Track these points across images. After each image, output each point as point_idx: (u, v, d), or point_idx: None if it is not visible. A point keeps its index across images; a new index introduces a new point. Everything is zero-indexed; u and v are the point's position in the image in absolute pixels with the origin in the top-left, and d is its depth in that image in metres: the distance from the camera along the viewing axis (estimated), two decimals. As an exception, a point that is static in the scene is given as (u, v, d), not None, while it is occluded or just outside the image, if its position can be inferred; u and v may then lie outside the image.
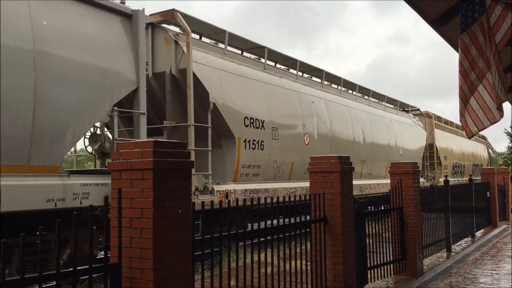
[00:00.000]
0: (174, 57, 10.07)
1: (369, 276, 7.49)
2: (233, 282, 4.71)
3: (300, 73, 14.53)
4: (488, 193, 16.16)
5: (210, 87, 10.16)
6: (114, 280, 3.51)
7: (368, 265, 7.50)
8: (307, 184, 7.11)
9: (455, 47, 5.39)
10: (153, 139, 3.57)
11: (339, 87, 17.11)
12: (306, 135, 13.18)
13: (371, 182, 16.55)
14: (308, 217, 6.12)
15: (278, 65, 14.18)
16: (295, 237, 5.89)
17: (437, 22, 5.32)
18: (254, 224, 5.01)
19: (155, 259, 3.44)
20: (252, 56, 13.20)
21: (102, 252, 7.88)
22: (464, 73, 4.43)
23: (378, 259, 7.82)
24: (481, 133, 33.68)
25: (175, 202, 3.64)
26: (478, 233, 14.22)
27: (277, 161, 11.85)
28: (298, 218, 5.94)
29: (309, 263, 6.16)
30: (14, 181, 6.60)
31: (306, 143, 13.08)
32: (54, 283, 3.24)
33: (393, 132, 18.80)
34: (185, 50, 9.78)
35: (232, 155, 10.65)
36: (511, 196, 19.00)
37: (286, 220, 5.93)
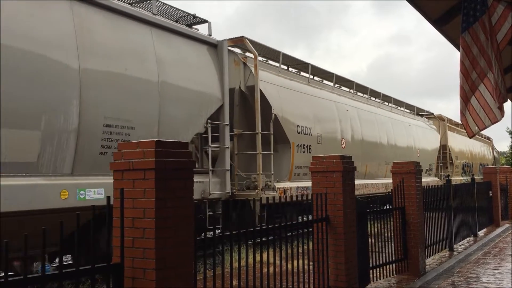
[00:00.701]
0: (242, 76, 11.73)
1: (371, 275, 7.49)
2: (235, 282, 4.71)
3: (332, 84, 16.35)
4: (490, 192, 16.14)
5: (272, 101, 11.89)
6: (117, 280, 3.52)
7: (370, 265, 7.50)
8: None
9: (457, 46, 5.38)
10: (154, 140, 3.58)
11: (365, 95, 18.82)
12: (343, 139, 15.02)
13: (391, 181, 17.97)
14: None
15: (315, 78, 15.95)
16: (297, 236, 5.89)
17: (439, 22, 5.31)
18: (257, 224, 5.01)
19: (157, 259, 3.45)
20: (292, 69, 14.83)
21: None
22: (465, 72, 4.43)
23: (380, 258, 7.81)
24: (486, 133, 34.56)
25: (177, 202, 3.64)
26: (481, 233, 14.21)
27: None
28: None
29: (311, 263, 6.16)
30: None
31: (343, 146, 14.85)
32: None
33: (411, 135, 20.54)
34: (253, 70, 11.53)
35: (287, 157, 12.43)
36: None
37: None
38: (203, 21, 10.73)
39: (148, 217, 3.49)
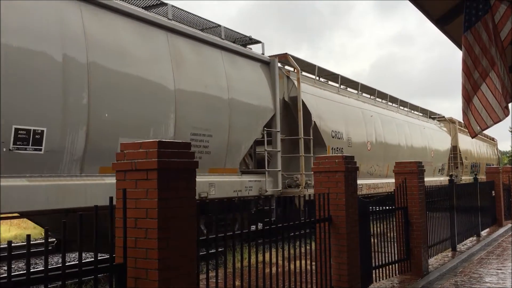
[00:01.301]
0: (286, 87, 13.20)
1: (374, 275, 7.48)
2: (238, 282, 4.71)
3: (356, 91, 18.01)
4: (493, 192, 16.11)
5: (312, 110, 13.36)
6: (119, 280, 3.52)
7: (373, 265, 7.49)
8: (368, 181, 10.97)
9: (459, 45, 5.38)
10: (156, 140, 3.59)
11: (383, 101, 20.42)
12: (368, 142, 16.56)
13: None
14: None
15: (341, 86, 17.44)
16: (299, 237, 5.89)
17: (441, 21, 5.31)
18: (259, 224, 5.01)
19: (160, 259, 3.45)
20: (322, 79, 16.41)
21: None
22: (467, 72, 4.42)
23: (383, 258, 7.81)
24: (491, 134, 35.66)
25: (180, 202, 3.65)
26: (483, 233, 14.18)
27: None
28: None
29: (313, 263, 6.16)
30: (218, 178, 10.13)
31: (368, 149, 16.39)
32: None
33: (426, 137, 22.08)
34: (295, 83, 13.04)
35: None
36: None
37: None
38: (257, 41, 12.22)
39: (151, 217, 3.49)
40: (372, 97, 19.24)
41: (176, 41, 9.52)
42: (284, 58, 12.94)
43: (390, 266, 8.02)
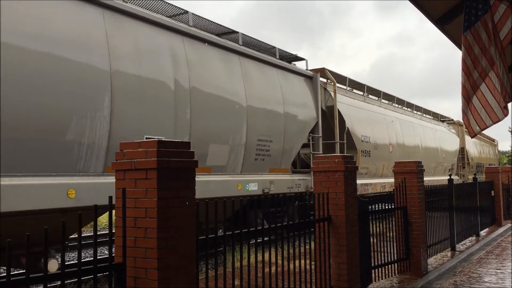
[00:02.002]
0: (323, 97, 14.61)
1: (373, 275, 7.49)
2: (237, 282, 4.71)
3: (377, 98, 19.71)
4: (492, 192, 16.12)
5: (346, 117, 14.89)
6: (119, 279, 3.52)
7: (372, 265, 7.50)
8: (391, 180, 11.56)
9: (458, 45, 5.38)
10: (156, 139, 3.58)
11: (401, 106, 22.03)
12: (390, 145, 18.27)
13: (426, 178, 20.55)
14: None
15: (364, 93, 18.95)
16: (299, 236, 5.89)
17: (441, 21, 5.31)
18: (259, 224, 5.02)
19: (159, 258, 3.45)
20: (346, 87, 17.58)
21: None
22: (466, 71, 4.42)
23: (382, 258, 7.81)
24: (492, 135, 37.25)
25: (179, 202, 3.65)
26: (483, 232, 14.19)
27: (376, 164, 17.02)
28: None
29: (313, 263, 6.16)
30: (276, 177, 11.84)
31: (390, 151, 18.17)
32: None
33: (437, 139, 23.82)
34: (332, 94, 14.55)
35: (356, 161, 15.25)
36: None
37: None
38: (302, 59, 13.95)
39: (150, 217, 3.49)
40: (391, 103, 21.03)
41: (245, 63, 11.23)
42: (322, 72, 14.56)
43: (389, 265, 8.03)
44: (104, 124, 7.41)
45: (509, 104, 4.72)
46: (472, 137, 4.96)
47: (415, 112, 23.44)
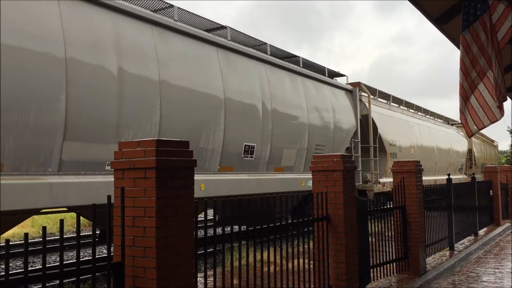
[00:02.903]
0: (359, 108, 16.58)
1: (372, 274, 7.49)
2: (236, 281, 4.72)
3: (397, 105, 22.12)
4: (491, 191, 16.14)
5: (378, 125, 17.30)
6: (117, 279, 3.52)
7: (371, 264, 7.50)
8: None
9: (457, 44, 5.38)
10: (155, 138, 3.58)
11: (418, 112, 24.54)
12: (412, 148, 20.68)
13: (439, 177, 22.47)
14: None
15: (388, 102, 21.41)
16: (298, 235, 5.89)
17: (440, 21, 5.31)
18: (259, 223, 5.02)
19: (158, 258, 3.45)
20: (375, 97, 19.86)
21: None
22: (465, 71, 4.43)
23: (381, 257, 7.82)
24: (489, 133, 38.84)
25: (178, 201, 3.65)
26: (481, 232, 14.21)
27: None
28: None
29: (312, 262, 6.17)
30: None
31: (412, 152, 20.50)
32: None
33: (449, 142, 26.35)
34: (367, 105, 16.97)
35: (384, 162, 18.00)
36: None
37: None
38: (343, 75, 16.39)
39: (149, 216, 3.50)
40: (410, 109, 23.63)
41: (306, 82, 13.58)
42: (358, 85, 16.79)
43: (388, 265, 8.03)
44: (220, 134, 9.96)
45: (506, 104, 4.72)
46: (469, 136, 4.96)
47: (429, 117, 26.04)
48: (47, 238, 6.83)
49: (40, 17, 6.88)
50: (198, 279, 4.13)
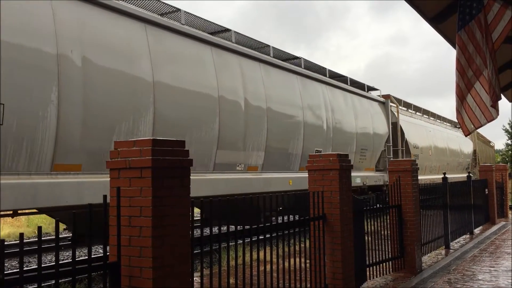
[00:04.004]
0: (390, 116, 19.56)
1: (368, 273, 7.51)
2: (232, 280, 4.71)
3: (412, 111, 24.99)
4: (486, 190, 16.19)
5: (405, 131, 20.54)
6: (113, 278, 3.51)
7: (367, 263, 7.52)
8: (431, 176, 17.28)
9: (453, 44, 5.39)
10: (151, 138, 3.58)
11: (433, 118, 27.92)
12: (430, 150, 23.90)
13: (451, 176, 24.29)
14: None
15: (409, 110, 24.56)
16: (294, 235, 5.89)
17: (435, 20, 5.32)
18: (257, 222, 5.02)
19: (154, 257, 3.45)
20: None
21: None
22: (461, 70, 4.43)
23: (377, 256, 7.83)
24: (484, 133, 40.76)
25: (174, 200, 3.64)
26: (477, 230, 14.26)
27: (421, 164, 21.34)
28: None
29: (308, 261, 6.17)
30: (369, 174, 17.20)
31: (430, 154, 23.80)
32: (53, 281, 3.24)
33: (458, 144, 29.72)
34: (396, 114, 20.01)
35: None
36: (510, 193, 19.03)
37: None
38: (376, 89, 19.34)
39: (145, 215, 3.49)
40: (426, 116, 26.71)
41: (353, 98, 16.68)
42: (388, 97, 19.74)
43: (384, 264, 8.05)
44: (300, 143, 13.00)
45: (500, 103, 4.73)
46: (466, 135, 4.98)
47: (440, 121, 29.51)
48: (42, 238, 6.81)
49: (206, 72, 10.09)
50: (194, 278, 4.12)
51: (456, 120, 23.13)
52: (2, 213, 6.66)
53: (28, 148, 6.75)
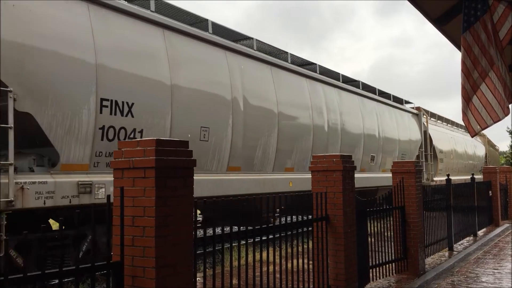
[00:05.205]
0: (422, 126, 22.66)
1: (371, 274, 7.49)
2: (235, 281, 4.71)
3: (441, 121, 29.07)
4: (490, 192, 16.14)
5: (433, 138, 23.83)
6: (117, 278, 3.52)
7: (370, 264, 7.50)
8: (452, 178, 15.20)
9: (457, 45, 5.38)
10: (154, 138, 3.58)
11: (451, 125, 30.90)
12: (451, 154, 27.50)
13: (467, 177, 28.01)
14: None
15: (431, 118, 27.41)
16: (297, 235, 5.89)
17: (439, 21, 5.31)
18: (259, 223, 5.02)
19: (157, 257, 3.45)
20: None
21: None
22: (466, 72, 4.42)
23: (380, 258, 7.81)
24: (489, 135, 42.17)
25: (177, 200, 3.64)
26: (480, 232, 14.21)
27: (446, 167, 25.94)
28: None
29: (311, 262, 6.16)
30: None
31: (452, 158, 27.44)
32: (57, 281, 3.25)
33: (473, 148, 33.34)
34: (425, 124, 22.94)
35: (435, 165, 24.24)
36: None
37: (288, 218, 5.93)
38: (411, 102, 23.04)
39: (148, 215, 3.49)
40: (445, 123, 29.59)
41: (396, 112, 20.06)
42: (419, 109, 22.82)
43: (387, 265, 8.03)
44: (361, 149, 16.39)
45: (510, 105, 4.72)
46: (472, 136, 4.97)
47: (457, 128, 32.18)
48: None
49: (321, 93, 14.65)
50: (197, 278, 4.12)
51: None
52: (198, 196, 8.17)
53: (217, 156, 10.24)
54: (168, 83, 8.93)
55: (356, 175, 13.96)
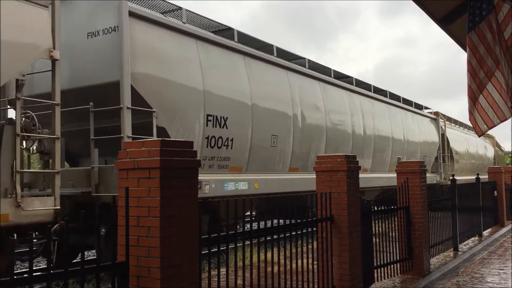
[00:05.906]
0: (440, 130, 24.89)
1: (375, 275, 7.48)
2: (239, 281, 4.71)
3: (457, 125, 31.01)
4: (495, 192, 16.08)
5: (450, 140, 25.73)
6: (122, 278, 3.53)
7: (375, 264, 7.49)
8: (466, 177, 22.13)
9: (462, 45, 5.36)
10: (159, 139, 3.59)
11: (464, 128, 32.50)
12: (466, 155, 29.29)
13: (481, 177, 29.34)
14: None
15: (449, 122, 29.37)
16: (301, 236, 5.88)
17: (444, 21, 5.30)
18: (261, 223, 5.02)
19: (162, 257, 3.45)
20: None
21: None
22: (472, 72, 4.41)
23: (385, 258, 7.80)
24: (493, 133, 42.58)
25: (182, 201, 3.65)
26: (485, 233, 14.16)
27: (461, 167, 27.71)
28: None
29: (315, 262, 6.16)
30: (428, 175, 17.37)
31: (465, 159, 29.17)
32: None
33: (483, 149, 35.60)
34: (442, 127, 24.97)
35: (451, 165, 25.87)
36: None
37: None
38: (429, 108, 25.06)
39: (153, 215, 3.50)
40: (458, 126, 31.20)
41: (417, 118, 22.19)
42: (436, 114, 24.90)
43: (392, 265, 8.01)
44: (389, 152, 18.52)
45: None
46: (479, 136, 4.96)
47: (468, 130, 33.42)
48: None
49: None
50: (202, 278, 4.13)
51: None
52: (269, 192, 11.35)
53: (283, 158, 12.33)
54: (249, 103, 11.21)
55: (385, 175, 16.64)
